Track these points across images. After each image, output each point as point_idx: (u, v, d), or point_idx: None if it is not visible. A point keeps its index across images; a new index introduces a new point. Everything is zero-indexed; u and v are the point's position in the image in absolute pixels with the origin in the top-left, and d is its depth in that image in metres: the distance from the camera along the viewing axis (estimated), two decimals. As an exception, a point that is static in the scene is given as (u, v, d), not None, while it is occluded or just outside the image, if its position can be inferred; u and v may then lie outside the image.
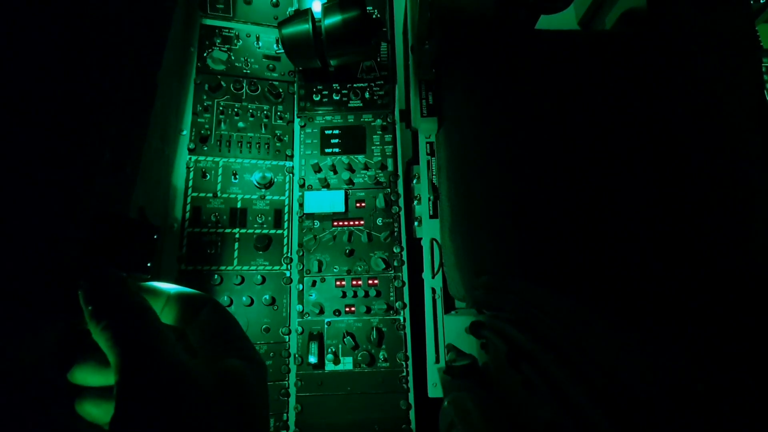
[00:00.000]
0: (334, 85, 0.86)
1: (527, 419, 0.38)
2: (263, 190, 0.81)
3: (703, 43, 0.69)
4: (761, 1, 1.04)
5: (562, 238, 0.62)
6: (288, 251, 0.79)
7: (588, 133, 0.67)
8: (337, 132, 0.84)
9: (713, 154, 0.65)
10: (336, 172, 0.82)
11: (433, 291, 0.74)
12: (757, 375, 0.27)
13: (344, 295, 0.77)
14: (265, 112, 0.84)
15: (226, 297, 0.74)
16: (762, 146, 0.65)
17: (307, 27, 0.74)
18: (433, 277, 0.74)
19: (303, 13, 0.76)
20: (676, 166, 0.65)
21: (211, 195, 0.78)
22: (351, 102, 0.86)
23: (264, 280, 0.76)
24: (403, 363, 0.75)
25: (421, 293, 0.75)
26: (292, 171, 0.83)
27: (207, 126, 0.81)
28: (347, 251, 0.78)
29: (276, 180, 0.81)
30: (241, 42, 0.86)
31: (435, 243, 0.75)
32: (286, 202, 0.81)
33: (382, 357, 0.74)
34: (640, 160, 0.65)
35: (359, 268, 0.78)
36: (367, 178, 0.82)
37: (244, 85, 0.84)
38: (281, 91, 0.86)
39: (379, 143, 0.83)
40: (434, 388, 0.71)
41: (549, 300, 0.41)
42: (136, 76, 0.53)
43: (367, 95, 0.86)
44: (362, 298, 0.77)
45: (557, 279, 0.61)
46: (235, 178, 0.80)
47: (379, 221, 0.80)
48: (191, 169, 0.79)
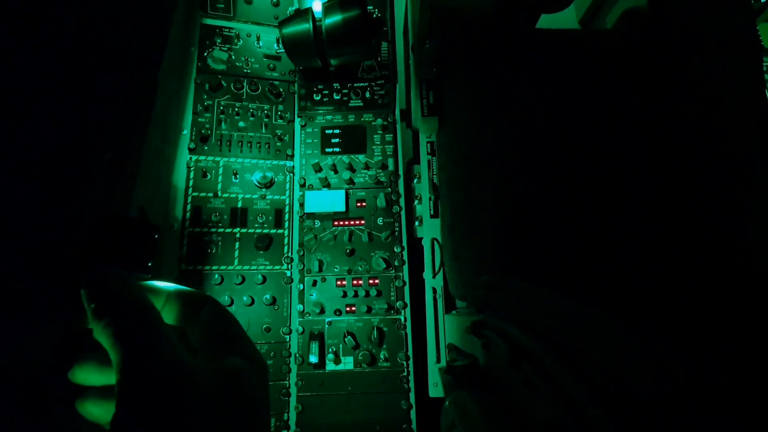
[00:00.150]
0: (335, 85, 0.86)
1: (528, 419, 0.38)
2: (264, 190, 0.81)
3: (704, 42, 0.68)
4: (762, 1, 1.03)
5: (563, 238, 0.62)
6: (289, 251, 0.79)
7: (588, 133, 0.67)
8: (337, 131, 0.84)
9: (714, 153, 0.65)
10: (337, 172, 0.82)
11: (434, 291, 0.74)
12: (758, 375, 0.27)
13: (345, 295, 0.77)
14: (266, 112, 0.84)
15: (227, 297, 0.74)
16: (762, 146, 0.65)
17: (307, 26, 0.74)
18: (434, 277, 0.74)
19: (303, 13, 0.76)
20: (677, 166, 0.65)
21: (211, 195, 0.78)
22: (352, 101, 0.85)
23: (265, 279, 0.76)
24: (404, 363, 0.75)
25: (422, 293, 0.75)
26: (292, 170, 0.83)
27: (207, 125, 0.81)
28: (348, 251, 0.78)
29: (276, 179, 0.81)
30: (242, 41, 0.86)
31: (436, 243, 0.75)
32: (287, 202, 0.81)
33: (383, 357, 0.74)
34: (640, 159, 0.65)
35: (360, 268, 0.78)
36: (367, 178, 0.82)
37: (245, 84, 0.84)
38: (282, 90, 0.86)
39: (379, 143, 0.83)
40: (435, 388, 0.71)
41: (550, 299, 0.41)
42: (137, 75, 0.53)
43: (368, 95, 0.86)
44: (363, 297, 0.77)
45: (558, 278, 0.60)
46: (236, 178, 0.80)
47: (380, 221, 0.80)
48: (192, 169, 0.79)
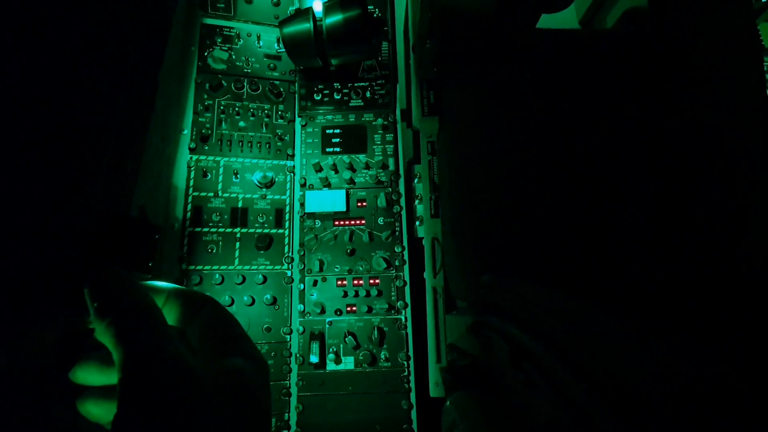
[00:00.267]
0: (335, 85, 0.86)
1: (529, 418, 0.38)
2: (264, 190, 0.81)
3: (705, 42, 0.68)
4: (763, 1, 1.03)
5: (563, 238, 0.62)
6: (289, 251, 0.79)
7: (589, 132, 0.67)
8: (338, 131, 0.84)
9: (714, 153, 0.65)
10: (337, 172, 0.82)
11: (435, 290, 0.74)
12: (758, 374, 0.27)
13: (345, 295, 0.77)
14: (266, 112, 0.84)
15: (227, 297, 0.74)
16: (763, 146, 0.65)
17: (308, 26, 0.74)
18: (435, 277, 0.74)
19: (304, 12, 0.76)
20: (677, 165, 0.65)
21: (212, 194, 0.78)
22: (352, 101, 0.85)
23: (265, 279, 0.76)
24: (405, 363, 0.74)
25: (423, 293, 0.75)
26: (293, 170, 0.83)
27: (208, 125, 0.81)
28: (348, 251, 0.78)
29: (277, 179, 0.81)
30: (242, 41, 0.86)
31: (436, 242, 0.75)
32: (288, 202, 0.81)
33: (383, 357, 0.74)
34: (641, 158, 0.65)
35: (360, 268, 0.78)
36: (368, 178, 0.82)
37: (245, 84, 0.84)
38: (282, 90, 0.86)
39: (380, 142, 0.83)
40: (436, 388, 0.71)
41: (551, 299, 0.41)
42: (138, 74, 0.53)
43: (368, 94, 0.86)
44: (363, 297, 0.77)
45: (558, 278, 0.60)
46: (236, 178, 0.80)
47: (381, 221, 0.80)
48: (192, 169, 0.79)
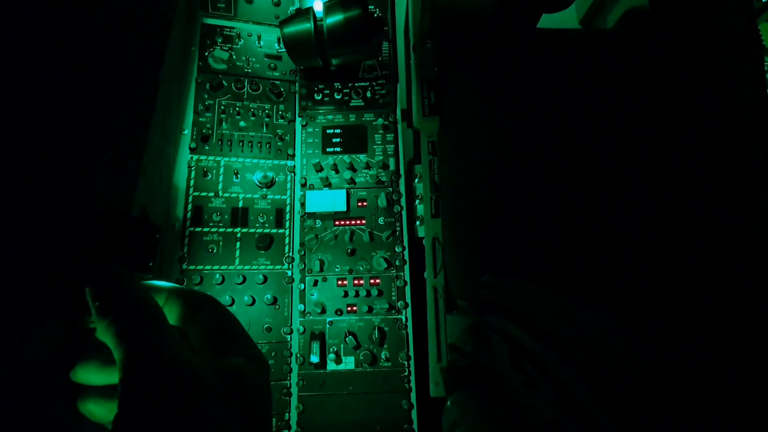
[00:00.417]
0: (336, 85, 0.86)
1: (530, 419, 0.38)
2: (265, 190, 0.81)
3: (705, 42, 0.68)
4: (763, 1, 1.03)
5: (564, 238, 0.62)
6: (290, 251, 0.79)
7: (589, 132, 0.67)
8: (338, 131, 0.84)
9: (715, 153, 0.65)
10: (338, 172, 0.82)
11: (435, 290, 0.74)
12: (760, 375, 0.27)
13: (346, 295, 0.77)
14: (267, 112, 0.84)
15: (228, 296, 0.74)
16: (763, 145, 0.65)
17: (308, 26, 0.74)
18: (435, 277, 0.74)
19: (304, 12, 0.76)
20: (678, 165, 0.65)
21: (212, 194, 0.78)
22: (352, 101, 0.85)
23: (265, 279, 0.76)
24: (405, 362, 0.74)
25: (423, 293, 0.74)
26: (293, 170, 0.83)
27: (208, 125, 0.81)
28: (349, 251, 0.78)
29: (277, 179, 0.81)
30: (243, 41, 0.86)
31: (437, 242, 0.75)
32: (288, 202, 0.81)
33: (384, 356, 0.74)
34: (641, 158, 0.65)
35: (361, 268, 0.78)
36: (368, 178, 0.82)
37: (246, 84, 0.84)
38: (282, 90, 0.86)
39: (380, 142, 0.83)
40: (436, 388, 0.70)
41: (552, 299, 0.41)
42: (138, 74, 0.53)
43: (369, 94, 0.86)
44: (364, 297, 0.77)
45: (559, 278, 0.60)
46: (237, 178, 0.80)
47: (381, 220, 0.80)
48: (192, 169, 0.79)
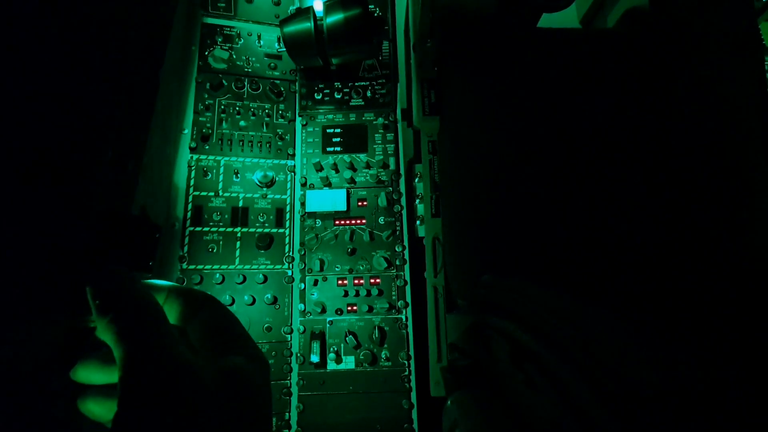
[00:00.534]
0: (336, 84, 0.86)
1: (531, 418, 0.38)
2: (265, 189, 0.80)
3: (706, 41, 0.68)
4: (763, 1, 1.03)
5: (564, 237, 0.62)
6: (290, 250, 0.79)
7: (589, 132, 0.67)
8: (338, 131, 0.84)
9: (715, 152, 0.65)
10: (338, 171, 0.82)
11: (435, 290, 0.74)
12: (761, 375, 0.27)
13: (346, 294, 0.77)
14: (267, 111, 0.84)
15: (228, 296, 0.74)
16: (764, 145, 0.65)
17: (308, 25, 0.74)
18: (436, 276, 0.74)
19: (305, 12, 0.76)
20: (678, 165, 0.65)
21: (212, 194, 0.78)
22: (353, 101, 0.85)
23: (266, 279, 0.76)
24: (406, 362, 0.74)
25: (423, 292, 0.74)
26: (293, 170, 0.83)
27: (208, 125, 0.81)
28: (349, 250, 0.78)
29: (277, 179, 0.81)
30: (243, 41, 0.86)
31: (437, 242, 0.75)
32: (288, 201, 0.81)
33: (384, 356, 0.74)
34: (642, 158, 0.65)
35: (361, 267, 0.78)
36: (368, 177, 0.82)
37: (246, 83, 0.84)
38: (283, 89, 0.85)
39: (380, 142, 0.83)
40: (437, 388, 0.70)
41: (552, 299, 0.41)
42: (139, 74, 0.53)
43: (369, 94, 0.85)
44: (364, 297, 0.77)
45: (559, 278, 0.60)
46: (237, 177, 0.80)
47: (381, 220, 0.80)
48: (192, 168, 0.79)
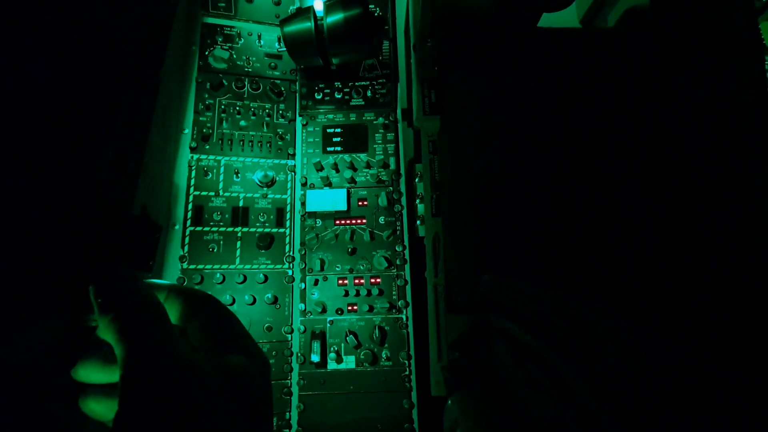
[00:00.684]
0: (336, 84, 0.86)
1: (532, 418, 0.38)
2: (265, 189, 0.80)
3: (706, 41, 0.68)
4: (764, 0, 1.03)
5: (565, 237, 0.62)
6: (290, 250, 0.79)
7: (590, 131, 0.67)
8: (339, 130, 0.84)
9: (715, 152, 0.65)
10: (338, 171, 0.82)
11: (436, 289, 0.74)
12: (762, 373, 0.27)
13: (347, 294, 0.77)
14: (267, 111, 0.84)
15: (228, 296, 0.74)
16: (764, 145, 0.65)
17: (309, 25, 0.74)
18: (436, 276, 0.74)
19: (305, 11, 0.76)
20: (679, 165, 0.65)
21: (212, 194, 0.78)
22: (353, 100, 0.85)
23: (266, 279, 0.76)
24: (406, 362, 0.74)
25: (424, 292, 0.74)
26: (294, 169, 0.83)
27: (209, 124, 0.81)
28: (349, 250, 0.78)
29: (278, 178, 0.81)
30: (243, 40, 0.86)
31: (437, 241, 0.75)
32: (288, 201, 0.81)
33: (384, 356, 0.74)
34: (642, 158, 0.65)
35: (361, 267, 0.78)
36: (369, 177, 0.82)
37: (246, 83, 0.84)
38: (283, 89, 0.85)
39: (381, 142, 0.83)
40: (437, 387, 0.70)
41: (553, 298, 0.41)
42: (139, 73, 0.53)
43: (369, 94, 0.85)
44: (365, 296, 0.77)
45: (560, 277, 0.60)
46: (237, 177, 0.80)
47: (382, 220, 0.80)
48: (193, 168, 0.79)
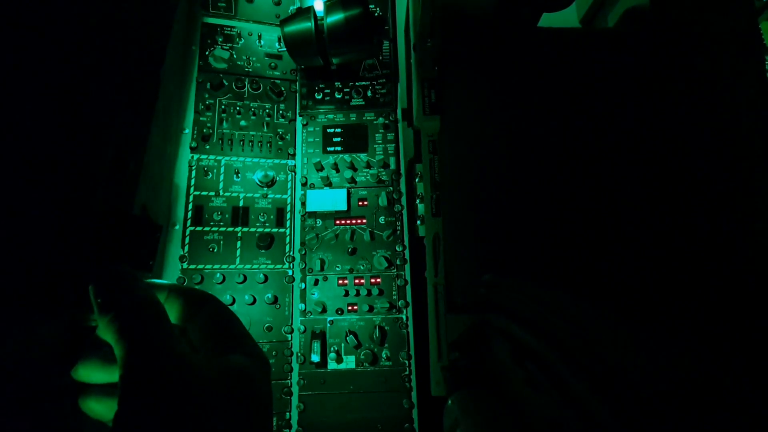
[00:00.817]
0: (336, 84, 0.86)
1: (532, 417, 0.38)
2: (265, 189, 0.81)
3: (706, 41, 0.68)
4: (764, 0, 1.03)
5: (565, 237, 0.62)
6: (290, 250, 0.79)
7: (590, 131, 0.67)
8: (339, 130, 0.84)
9: (716, 152, 0.65)
10: (338, 171, 0.82)
11: (436, 289, 0.74)
12: (762, 372, 0.27)
13: (347, 294, 0.77)
14: (267, 111, 0.84)
15: (229, 296, 0.74)
16: (765, 145, 0.65)
17: (309, 25, 0.74)
18: (436, 276, 0.74)
19: (305, 11, 0.76)
20: (679, 165, 0.65)
21: (213, 193, 0.78)
22: (353, 100, 0.85)
23: (266, 278, 0.76)
24: (406, 362, 0.74)
25: (424, 292, 0.74)
26: (294, 169, 0.83)
27: (209, 124, 0.81)
28: (350, 250, 0.78)
29: (278, 178, 0.81)
30: (243, 40, 0.86)
31: (437, 241, 0.75)
32: (288, 201, 0.81)
33: (384, 356, 0.74)
34: (642, 158, 0.65)
35: (362, 267, 0.78)
36: (369, 177, 0.82)
37: (246, 83, 0.84)
38: (283, 89, 0.86)
39: (381, 141, 0.83)
40: (437, 387, 0.70)
41: (553, 297, 0.41)
42: (139, 73, 0.53)
43: (369, 93, 0.85)
44: (365, 296, 0.77)
45: (560, 277, 0.60)
46: (237, 177, 0.80)
47: (382, 220, 0.80)
48: (193, 168, 0.79)
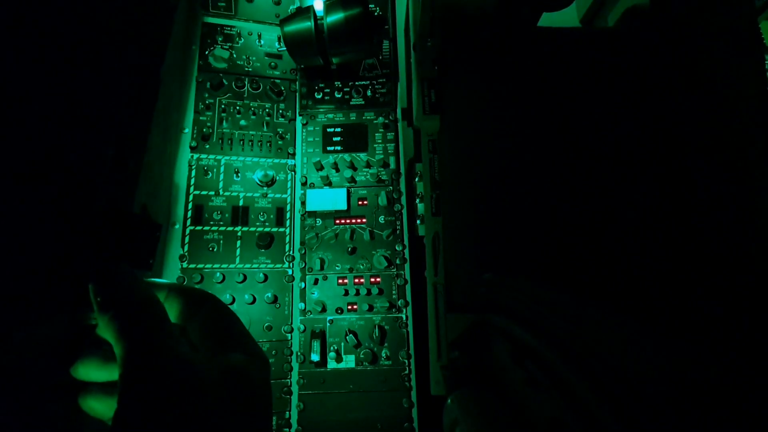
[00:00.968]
0: (336, 83, 0.86)
1: (532, 417, 0.38)
2: (265, 188, 0.81)
3: (706, 41, 0.68)
4: (764, 0, 1.03)
5: (565, 237, 0.62)
6: (290, 249, 0.79)
7: (590, 131, 0.67)
8: (339, 130, 0.84)
9: (716, 151, 0.65)
10: (338, 170, 0.82)
11: (436, 289, 0.74)
12: (763, 372, 0.27)
13: (346, 293, 0.77)
14: (267, 110, 0.84)
15: (228, 295, 0.74)
16: (765, 145, 0.65)
17: (309, 24, 0.74)
18: (436, 275, 0.74)
19: (305, 11, 0.76)
20: (679, 165, 0.65)
21: (213, 193, 0.78)
22: (353, 100, 0.85)
23: (266, 278, 0.76)
24: (406, 361, 0.74)
25: (424, 291, 0.74)
26: (294, 169, 0.83)
27: (209, 124, 0.81)
28: (349, 249, 0.78)
29: (278, 178, 0.81)
30: (243, 40, 0.86)
31: (437, 241, 0.75)
32: (288, 200, 0.81)
33: (384, 355, 0.74)
34: (642, 157, 0.65)
35: (361, 266, 0.78)
36: (369, 176, 0.82)
37: (246, 83, 0.84)
38: (283, 89, 0.86)
39: (381, 141, 0.83)
40: (437, 386, 0.70)
41: (553, 297, 0.41)
42: (140, 72, 0.53)
43: (369, 93, 0.85)
44: (364, 296, 0.77)
45: (560, 276, 0.60)
46: (237, 176, 0.80)
47: (381, 219, 0.80)
48: (193, 167, 0.79)
